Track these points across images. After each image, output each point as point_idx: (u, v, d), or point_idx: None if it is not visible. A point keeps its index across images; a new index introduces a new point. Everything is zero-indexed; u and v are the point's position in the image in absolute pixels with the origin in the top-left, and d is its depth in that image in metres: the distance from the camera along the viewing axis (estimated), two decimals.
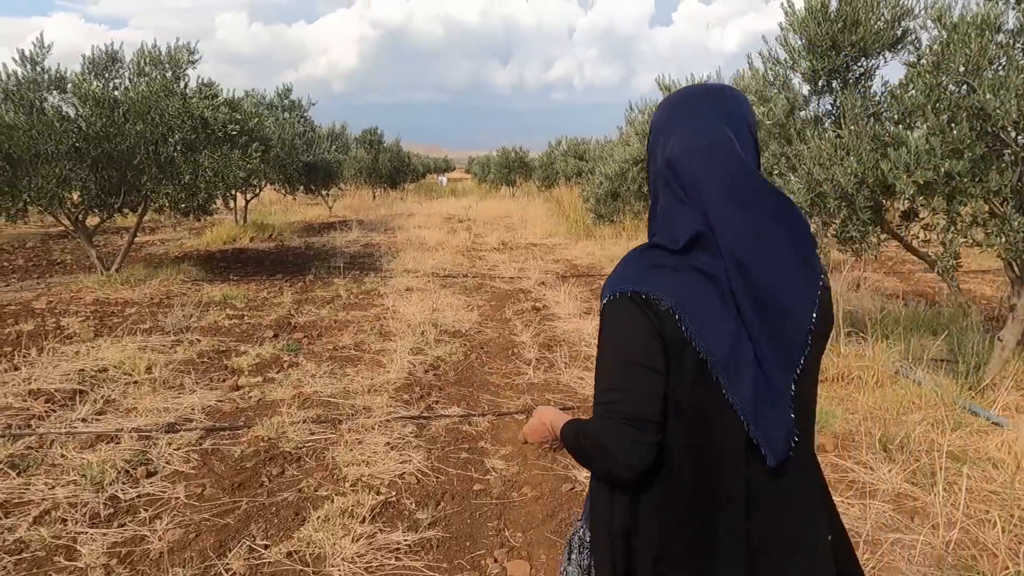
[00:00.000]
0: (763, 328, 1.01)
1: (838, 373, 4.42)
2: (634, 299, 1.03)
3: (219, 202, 8.17)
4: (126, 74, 7.21)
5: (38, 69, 6.84)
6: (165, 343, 5.44)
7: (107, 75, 7.39)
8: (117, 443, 3.54)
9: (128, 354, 4.92)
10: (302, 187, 12.89)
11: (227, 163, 6.86)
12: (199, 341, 5.51)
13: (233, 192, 7.85)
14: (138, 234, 13.90)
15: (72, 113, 6.77)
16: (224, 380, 4.62)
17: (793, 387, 1.04)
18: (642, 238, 13.36)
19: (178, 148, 6.81)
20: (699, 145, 1.06)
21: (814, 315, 1.05)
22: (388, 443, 3.63)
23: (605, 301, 1.08)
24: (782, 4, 4.30)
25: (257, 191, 12.95)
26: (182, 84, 7.08)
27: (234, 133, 6.97)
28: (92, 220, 8.32)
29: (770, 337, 1.01)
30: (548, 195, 19.97)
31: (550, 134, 25.61)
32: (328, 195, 14.62)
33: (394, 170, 25.52)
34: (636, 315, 1.03)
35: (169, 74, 7.03)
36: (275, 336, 5.79)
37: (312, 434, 3.74)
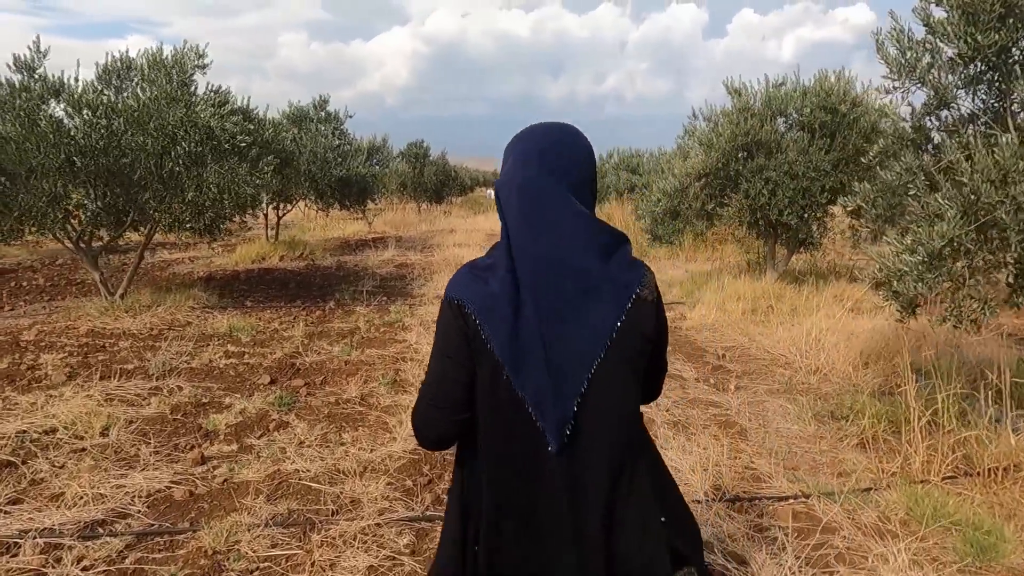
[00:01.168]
0: (552, 336, 1.19)
1: (1000, 464, 3.22)
2: (450, 303, 1.25)
3: (235, 221, 7.35)
4: (137, 82, 6.53)
5: (35, 76, 6.21)
6: (141, 391, 4.61)
7: (119, 84, 6.76)
8: (14, 555, 2.65)
9: (89, 408, 4.08)
10: (336, 203, 12.17)
11: (234, 178, 6.07)
12: (180, 390, 4.66)
13: (250, 210, 7.02)
14: (171, 251, 13.54)
15: (69, 124, 6.10)
16: (191, 448, 3.72)
17: (584, 387, 1.21)
18: (701, 260, 12.16)
19: (180, 162, 6.06)
20: (512, 179, 1.28)
21: (617, 323, 1.21)
22: (372, 566, 2.64)
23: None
24: None
25: (288, 207, 12.31)
26: (189, 91, 6.34)
27: (243, 145, 6.20)
28: (103, 239, 7.68)
29: (559, 343, 1.19)
30: (598, 210, 18.85)
31: (600, 147, 24.52)
32: (366, 210, 13.89)
33: (439, 184, 24.84)
34: (450, 317, 1.25)
35: (176, 80, 6.31)
36: (271, 383, 4.90)
37: (273, 546, 2.77)
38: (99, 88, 6.63)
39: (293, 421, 4.16)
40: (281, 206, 12.10)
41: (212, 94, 6.41)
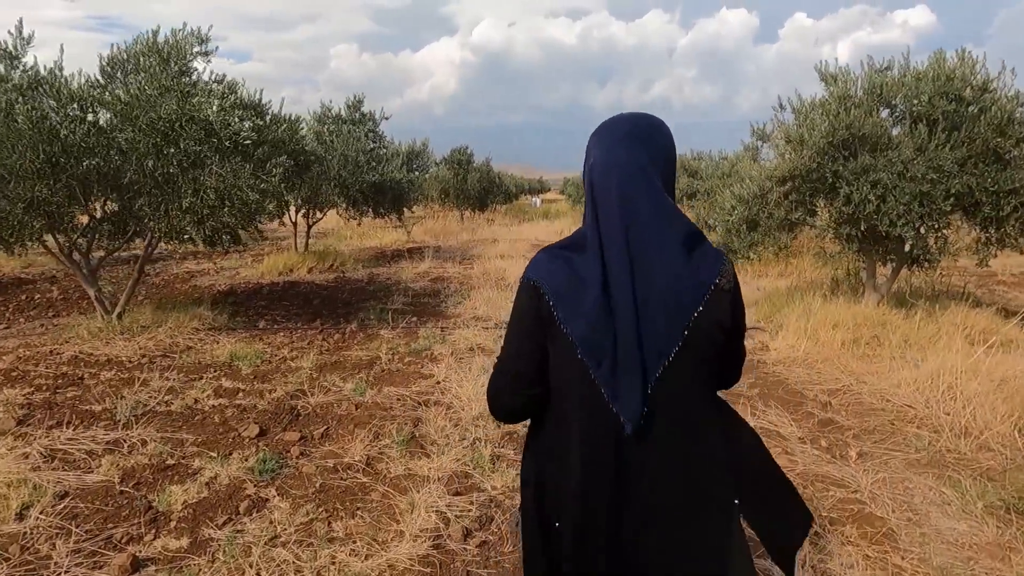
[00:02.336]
0: (630, 321, 1.19)
1: None
2: (527, 284, 1.30)
3: (248, 230, 6.46)
4: (130, 71, 5.70)
5: (19, 65, 5.44)
6: (96, 445, 3.68)
7: (123, 78, 5.96)
8: None
9: (15, 475, 3.16)
10: (369, 210, 11.28)
11: (235, 181, 5.16)
12: (144, 445, 3.72)
13: (259, 219, 6.11)
14: (198, 261, 12.79)
15: (54, 119, 5.29)
16: (126, 543, 2.74)
17: (660, 371, 1.21)
18: (773, 275, 10.80)
19: (174, 162, 5.18)
20: (605, 162, 1.28)
21: (694, 312, 1.22)
22: None
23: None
24: None
25: (319, 215, 11.47)
26: (188, 81, 5.47)
27: (247, 143, 5.29)
28: (102, 249, 6.89)
29: (642, 327, 1.20)
30: None
31: None
32: (403, 218, 12.99)
33: (483, 191, 23.90)
34: (526, 298, 1.30)
35: (175, 67, 5.45)
36: (259, 435, 3.91)
37: None
38: (102, 82, 5.84)
39: (273, 498, 3.15)
40: (312, 213, 11.27)
41: (215, 84, 5.53)
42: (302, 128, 7.05)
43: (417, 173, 14.36)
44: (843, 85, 6.06)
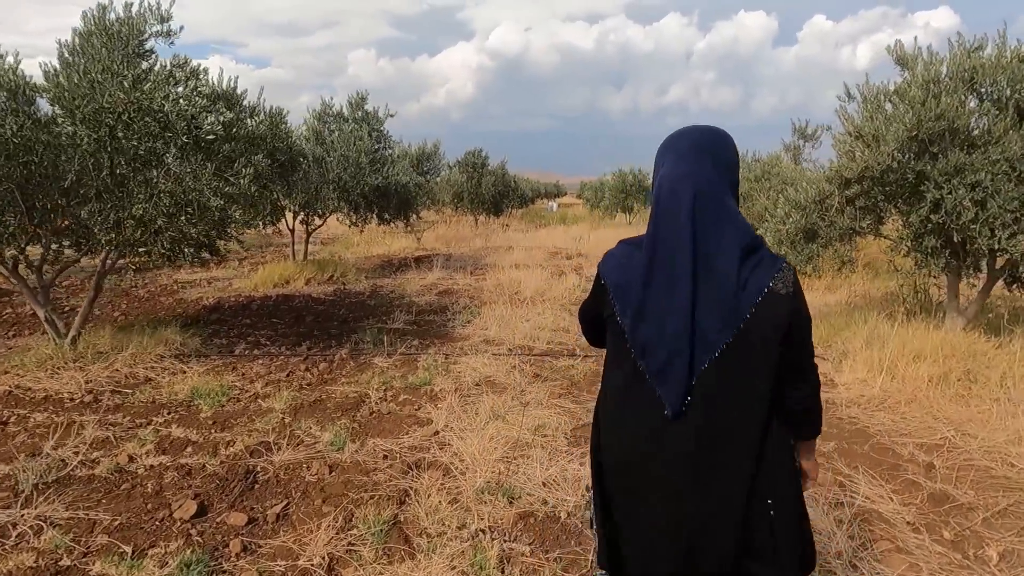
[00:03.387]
0: (686, 316, 1.32)
1: None
2: (598, 275, 1.51)
3: (224, 240, 5.55)
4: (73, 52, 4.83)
5: None
6: None
7: (80, 61, 5.09)
8: None
9: None
10: (374, 216, 10.38)
11: (195, 184, 4.25)
12: (38, 532, 2.80)
13: (230, 230, 5.18)
14: (190, 271, 11.86)
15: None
16: None
17: (705, 365, 1.34)
18: (820, 290, 9.67)
19: (122, 161, 4.29)
20: (666, 174, 1.40)
21: (747, 314, 1.32)
22: None
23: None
24: None
25: (318, 221, 10.58)
26: (145, 65, 4.58)
27: (211, 139, 4.38)
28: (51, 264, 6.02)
29: (697, 323, 1.32)
30: None
31: None
32: (411, 224, 12.07)
33: (498, 195, 22.98)
34: (596, 286, 1.53)
35: (130, 49, 4.57)
36: (197, 516, 2.98)
37: None
38: (58, 69, 4.98)
39: None
40: (311, 219, 10.39)
41: (175, 69, 4.63)
42: (286, 123, 6.14)
43: (427, 177, 13.47)
44: (930, 69, 5.02)
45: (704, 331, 1.32)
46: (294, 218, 10.20)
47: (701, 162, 1.37)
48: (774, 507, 1.41)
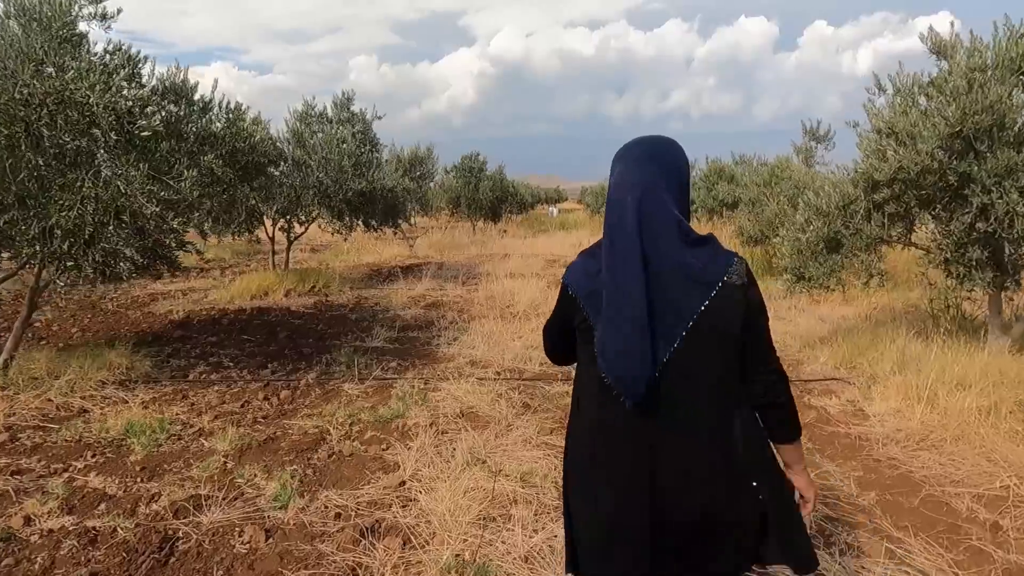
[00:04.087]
0: (642, 310, 1.34)
1: None
2: (564, 287, 1.54)
3: (168, 254, 4.92)
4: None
5: None
6: None
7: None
8: None
9: None
10: (359, 223, 9.75)
11: (126, 188, 3.64)
12: None
13: (176, 243, 4.53)
14: (167, 281, 11.04)
15: None
16: None
17: (666, 357, 1.37)
18: (833, 303, 8.97)
19: (41, 163, 3.67)
20: (615, 182, 1.47)
21: (701, 306, 1.36)
22: None
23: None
24: None
25: (299, 228, 9.96)
26: (74, 51, 3.97)
27: (146, 135, 3.77)
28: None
29: (655, 318, 1.35)
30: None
31: None
32: (400, 231, 11.44)
33: (496, 200, 22.36)
34: (563, 297, 1.55)
35: (55, 34, 3.95)
36: None
37: None
38: None
39: None
40: (291, 226, 9.77)
41: (108, 56, 4.03)
42: (245, 119, 5.52)
43: (420, 182, 12.86)
44: (974, 56, 4.40)
45: (664, 327, 1.36)
46: (273, 225, 9.59)
47: (645, 169, 1.44)
48: (759, 491, 1.44)
